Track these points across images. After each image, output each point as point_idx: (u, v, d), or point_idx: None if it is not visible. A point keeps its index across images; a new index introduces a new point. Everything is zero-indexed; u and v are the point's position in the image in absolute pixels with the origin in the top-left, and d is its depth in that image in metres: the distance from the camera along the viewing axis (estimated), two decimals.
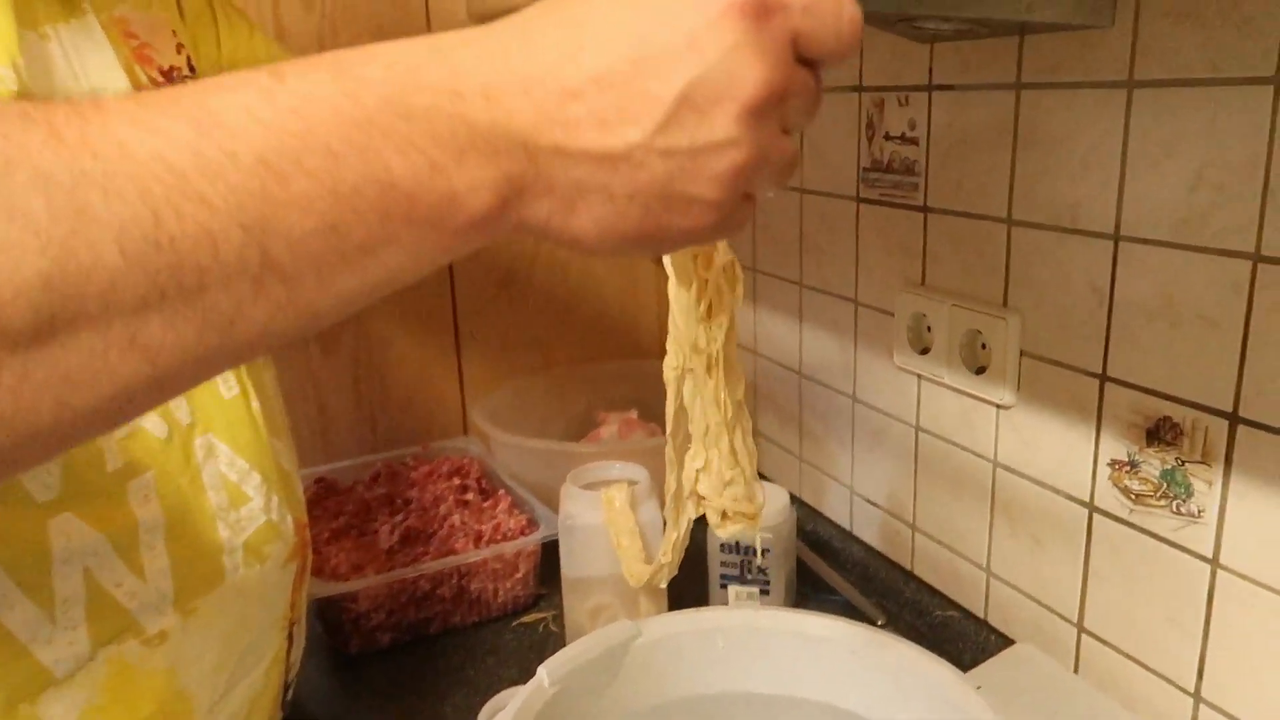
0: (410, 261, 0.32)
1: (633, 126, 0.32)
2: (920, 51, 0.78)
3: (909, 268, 0.84)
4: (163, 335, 0.27)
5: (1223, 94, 0.56)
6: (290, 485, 0.61)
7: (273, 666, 0.59)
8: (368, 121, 0.30)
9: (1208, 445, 0.60)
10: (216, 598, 0.53)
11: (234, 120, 0.28)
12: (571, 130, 0.32)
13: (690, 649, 0.67)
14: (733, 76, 0.32)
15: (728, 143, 0.33)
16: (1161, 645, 0.65)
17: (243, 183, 0.27)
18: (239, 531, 0.54)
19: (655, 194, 0.33)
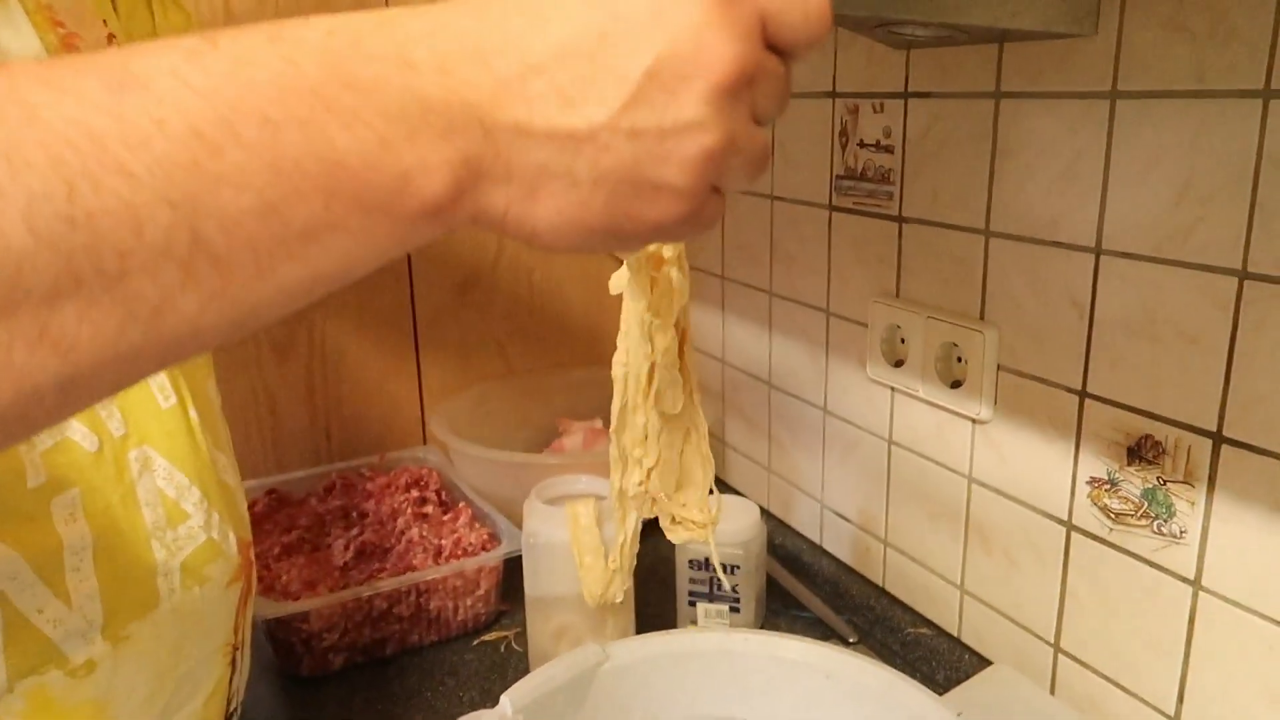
0: (358, 250, 0.28)
1: (598, 104, 0.30)
2: (896, 57, 0.77)
3: (883, 278, 0.82)
4: (78, 327, 0.24)
5: (1209, 106, 0.55)
6: (233, 501, 0.57)
7: (213, 696, 0.56)
8: (309, 90, 0.27)
9: (1191, 465, 0.59)
10: (150, 624, 0.49)
11: (161, 84, 0.25)
12: (533, 106, 0.29)
13: (660, 674, 0.65)
14: (701, 53, 0.30)
15: (697, 124, 0.30)
16: (1141, 667, 0.64)
17: (170, 153, 0.24)
18: (176, 551, 0.51)
19: (621, 179, 0.31)
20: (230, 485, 0.58)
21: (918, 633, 0.81)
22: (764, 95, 0.32)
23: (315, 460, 1.09)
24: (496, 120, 0.29)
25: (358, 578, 0.84)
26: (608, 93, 0.30)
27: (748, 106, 0.32)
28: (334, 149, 0.27)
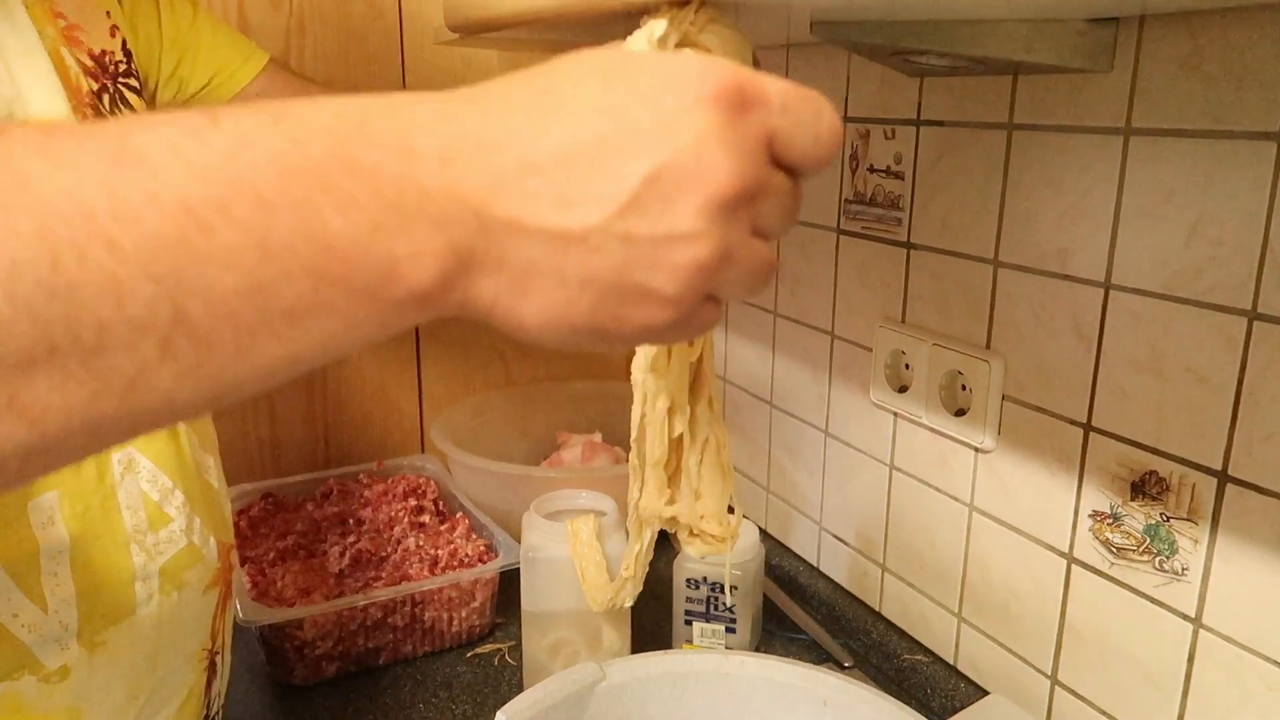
0: (341, 332, 0.28)
1: (593, 207, 0.30)
2: (910, 85, 0.77)
3: (889, 303, 0.82)
4: (48, 396, 0.24)
5: (1223, 147, 0.55)
6: (216, 504, 0.57)
7: (188, 702, 0.55)
8: (308, 172, 0.27)
9: (1195, 502, 0.59)
10: (127, 629, 0.49)
11: (157, 158, 0.25)
12: (529, 204, 0.29)
13: (656, 694, 0.65)
14: (702, 166, 0.30)
15: (691, 235, 0.30)
16: (1139, 703, 0.64)
17: (160, 229, 0.24)
18: (155, 556, 0.51)
19: (610, 282, 0.30)
20: (215, 488, 0.58)
21: (914, 660, 0.81)
22: (768, 211, 0.32)
23: (313, 465, 1.08)
24: (492, 214, 0.29)
25: (353, 586, 0.83)
26: (604, 196, 0.30)
27: (747, 221, 0.32)
28: (327, 231, 0.27)
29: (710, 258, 0.31)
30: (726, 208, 0.30)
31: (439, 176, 0.28)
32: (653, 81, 0.31)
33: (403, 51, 1.04)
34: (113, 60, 0.56)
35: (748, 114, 0.31)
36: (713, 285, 0.32)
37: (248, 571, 0.85)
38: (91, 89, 0.54)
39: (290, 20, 0.99)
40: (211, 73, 0.65)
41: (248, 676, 0.81)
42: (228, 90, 0.66)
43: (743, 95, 0.31)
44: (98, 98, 0.54)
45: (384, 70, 1.03)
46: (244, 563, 0.86)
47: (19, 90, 0.47)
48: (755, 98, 0.31)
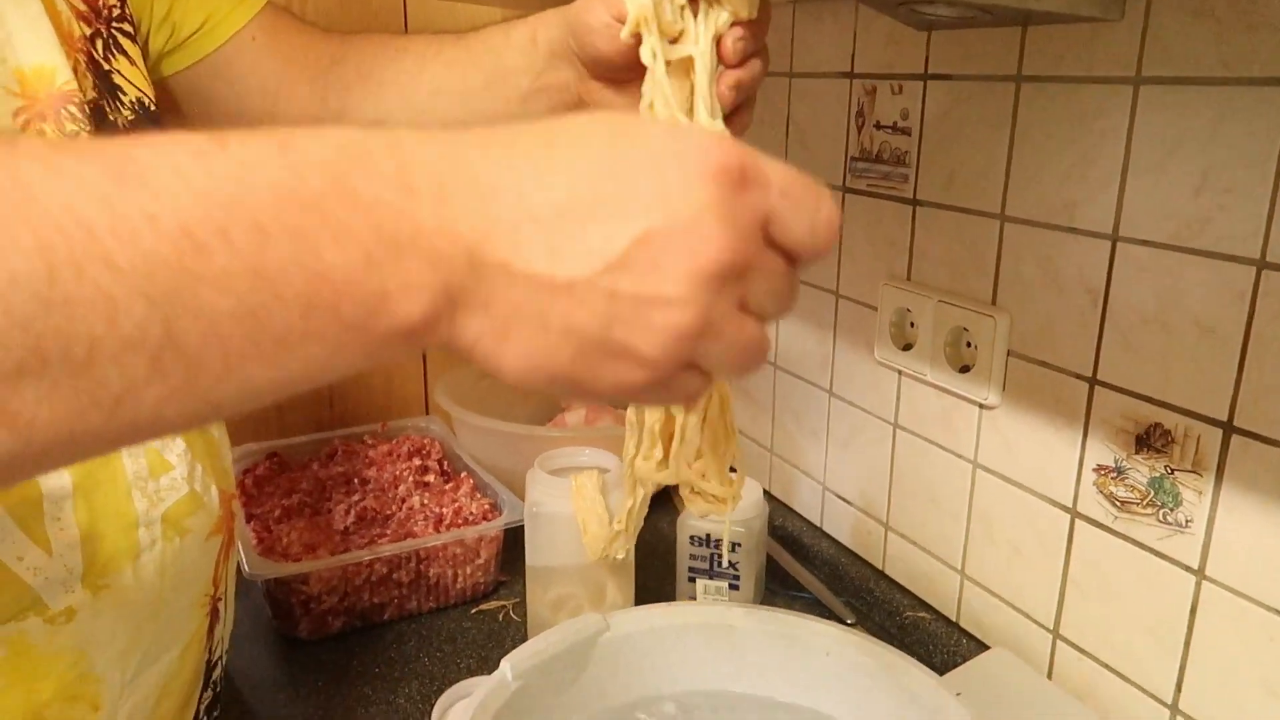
0: (325, 360, 0.29)
1: (583, 260, 0.30)
2: (917, 39, 0.76)
3: (894, 261, 0.82)
4: (36, 408, 0.24)
5: (1233, 94, 0.55)
6: (217, 454, 0.57)
7: (190, 647, 0.56)
8: (307, 202, 0.27)
9: (1199, 454, 0.59)
10: (130, 574, 0.49)
11: (160, 180, 0.25)
12: (521, 250, 0.30)
13: (660, 645, 0.65)
14: (694, 236, 0.30)
15: (675, 300, 0.31)
16: (1140, 655, 0.64)
17: (157, 249, 0.25)
18: (157, 502, 0.51)
19: (591, 335, 0.31)
20: (215, 437, 0.58)
21: (916, 616, 0.82)
22: (759, 290, 0.33)
23: (318, 426, 1.09)
24: (483, 256, 0.29)
25: (358, 543, 0.84)
26: (594, 251, 0.30)
27: (736, 297, 0.32)
28: (320, 262, 0.27)
29: (691, 325, 0.31)
30: (714, 278, 0.31)
31: (435, 214, 0.29)
32: (659, 150, 0.32)
33: (406, 8, 1.03)
34: (106, 4, 0.56)
35: (747, 192, 0.32)
36: (693, 354, 0.32)
37: (253, 528, 0.85)
38: (84, 34, 0.53)
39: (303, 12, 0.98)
40: (205, 16, 0.63)
41: (254, 631, 0.82)
42: (222, 33, 0.64)
43: (744, 174, 0.32)
44: (90, 43, 0.54)
45: (387, 27, 1.02)
46: (250, 520, 0.87)
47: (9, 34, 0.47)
48: (756, 178, 0.32)
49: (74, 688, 0.47)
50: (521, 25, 0.63)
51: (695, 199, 0.31)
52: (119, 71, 0.56)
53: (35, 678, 0.46)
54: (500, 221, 0.30)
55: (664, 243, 0.30)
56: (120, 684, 0.50)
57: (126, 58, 0.57)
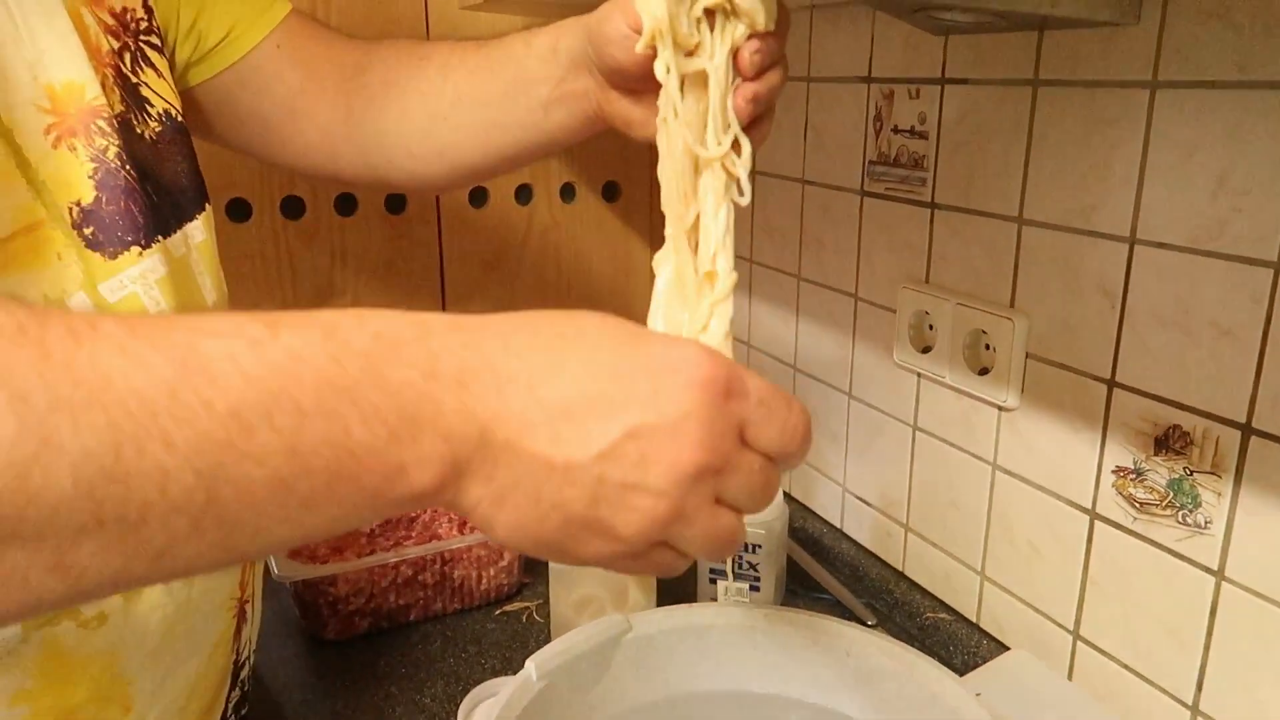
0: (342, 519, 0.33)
1: (580, 446, 0.35)
2: (934, 43, 0.77)
3: (913, 264, 0.82)
4: (89, 560, 0.27)
5: (1250, 97, 0.55)
6: None
7: (218, 648, 0.57)
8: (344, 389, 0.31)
9: (1218, 456, 0.59)
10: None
11: (218, 368, 0.29)
12: (527, 433, 0.34)
13: (682, 646, 0.66)
14: (676, 438, 0.35)
15: (654, 492, 0.35)
16: (1160, 656, 0.64)
17: (210, 431, 0.28)
18: None
19: (577, 511, 0.35)
20: None
21: (936, 617, 0.82)
22: (734, 486, 0.37)
23: None
24: (494, 435, 0.34)
25: (384, 545, 0.85)
26: (591, 439, 0.35)
27: (711, 492, 0.37)
28: (349, 438, 0.31)
29: (665, 514, 0.36)
30: (690, 476, 0.35)
31: (455, 397, 0.33)
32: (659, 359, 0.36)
33: (428, 16, 1.05)
34: (134, 18, 0.57)
35: (729, 402, 0.37)
36: (665, 536, 0.37)
37: None
38: (112, 48, 0.54)
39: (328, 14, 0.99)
40: (230, 25, 0.64)
41: (283, 632, 0.84)
42: (246, 42, 0.65)
43: (728, 386, 0.37)
44: (119, 57, 0.55)
45: (410, 33, 1.04)
46: None
47: (40, 52, 0.48)
48: (737, 389, 0.37)
49: (106, 690, 0.49)
50: (543, 34, 0.63)
51: (683, 404, 0.35)
52: (146, 84, 0.57)
53: (68, 680, 0.47)
54: (512, 407, 0.34)
55: (651, 439, 0.35)
56: (151, 686, 0.51)
57: (154, 70, 0.58)
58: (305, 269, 1.05)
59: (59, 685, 0.47)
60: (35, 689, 0.46)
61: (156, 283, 0.52)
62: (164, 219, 0.54)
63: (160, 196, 0.55)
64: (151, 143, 0.56)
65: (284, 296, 1.05)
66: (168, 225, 0.55)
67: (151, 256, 0.52)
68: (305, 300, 1.06)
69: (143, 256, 0.51)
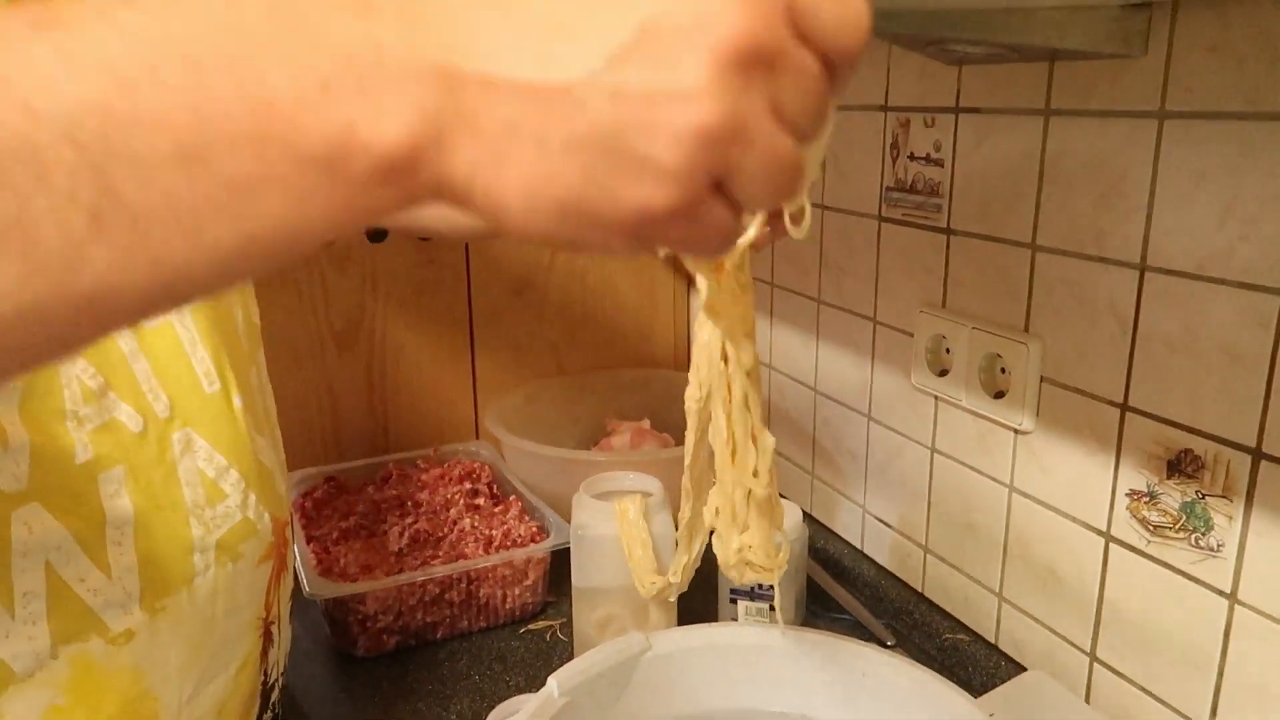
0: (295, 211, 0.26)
1: (578, 58, 0.26)
2: (948, 73, 0.78)
3: (930, 289, 0.84)
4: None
5: (1255, 128, 0.56)
6: (270, 483, 0.60)
7: (244, 668, 0.58)
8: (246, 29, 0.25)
9: (1229, 479, 0.60)
10: (185, 596, 0.52)
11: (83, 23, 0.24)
12: (504, 59, 0.26)
13: (700, 664, 0.67)
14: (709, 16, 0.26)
15: (695, 93, 0.26)
16: (1175, 679, 0.65)
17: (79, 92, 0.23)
18: (212, 529, 0.54)
19: (598, 145, 0.26)
20: (269, 467, 0.61)
21: (955, 638, 0.83)
22: (790, 90, 0.28)
23: (373, 451, 1.13)
24: (460, 72, 0.26)
25: (411, 564, 0.87)
26: (591, 45, 0.26)
27: (765, 95, 0.27)
28: (264, 88, 0.24)
29: (717, 123, 0.26)
30: (739, 65, 0.26)
31: (399, 32, 0.26)
32: None
33: None
34: None
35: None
36: (723, 167, 0.27)
37: (312, 549, 0.89)
38: None
39: None
40: None
41: (313, 649, 0.86)
42: None
43: None
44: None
45: None
46: (309, 541, 0.91)
47: None
48: None
49: (134, 705, 0.50)
50: None
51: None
52: None
53: (98, 696, 0.48)
54: (475, 30, 0.26)
55: (674, 26, 0.26)
56: (178, 703, 0.53)
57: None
58: (336, 294, 1.08)
59: (89, 701, 0.48)
60: (66, 705, 0.47)
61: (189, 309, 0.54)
62: None
63: None
64: None
65: (316, 322, 1.08)
66: None
67: None
68: (338, 324, 1.09)
69: None
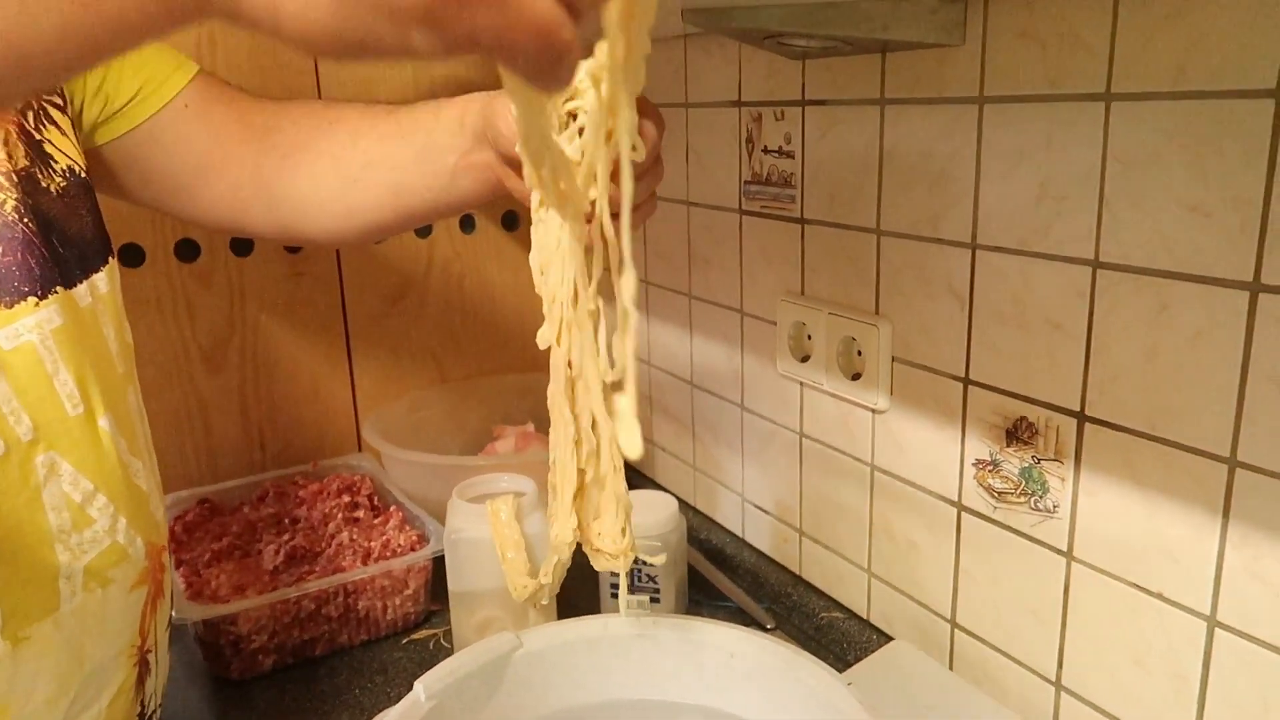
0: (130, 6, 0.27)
1: None
2: (793, 68, 0.81)
3: (789, 278, 0.86)
4: None
5: (1061, 109, 0.59)
6: (143, 507, 0.59)
7: (118, 698, 0.57)
8: None
9: (1059, 443, 0.63)
10: (51, 625, 0.51)
11: None
12: None
13: (573, 659, 0.67)
14: None
15: None
16: (1026, 637, 0.68)
17: None
18: (80, 555, 0.52)
19: None
20: (144, 490, 0.60)
21: (830, 616, 0.85)
22: None
23: (250, 469, 1.10)
24: None
25: (287, 581, 0.86)
26: None
27: None
28: None
29: None
30: None
31: None
32: None
33: (316, 60, 1.06)
34: None
35: None
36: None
37: (182, 574, 0.87)
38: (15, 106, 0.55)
39: (200, 31, 1.00)
40: (139, 85, 0.65)
41: (186, 675, 0.83)
42: (155, 102, 0.66)
43: None
44: (23, 115, 0.56)
45: (298, 79, 1.05)
46: (179, 566, 0.88)
47: None
48: None
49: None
50: (450, 106, 0.66)
51: None
52: (50, 141, 0.58)
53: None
54: None
55: None
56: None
57: (57, 128, 0.59)
58: (203, 310, 1.05)
59: None
60: None
61: (53, 332, 0.53)
62: (68, 269, 0.56)
63: (65, 248, 0.56)
64: (57, 196, 0.57)
65: (183, 338, 1.05)
66: (71, 275, 0.56)
67: (48, 307, 0.53)
68: (205, 342, 1.06)
69: (39, 307, 0.52)
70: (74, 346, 0.54)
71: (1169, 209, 0.54)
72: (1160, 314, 0.55)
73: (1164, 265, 0.55)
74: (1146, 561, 0.59)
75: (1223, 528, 0.54)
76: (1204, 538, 0.55)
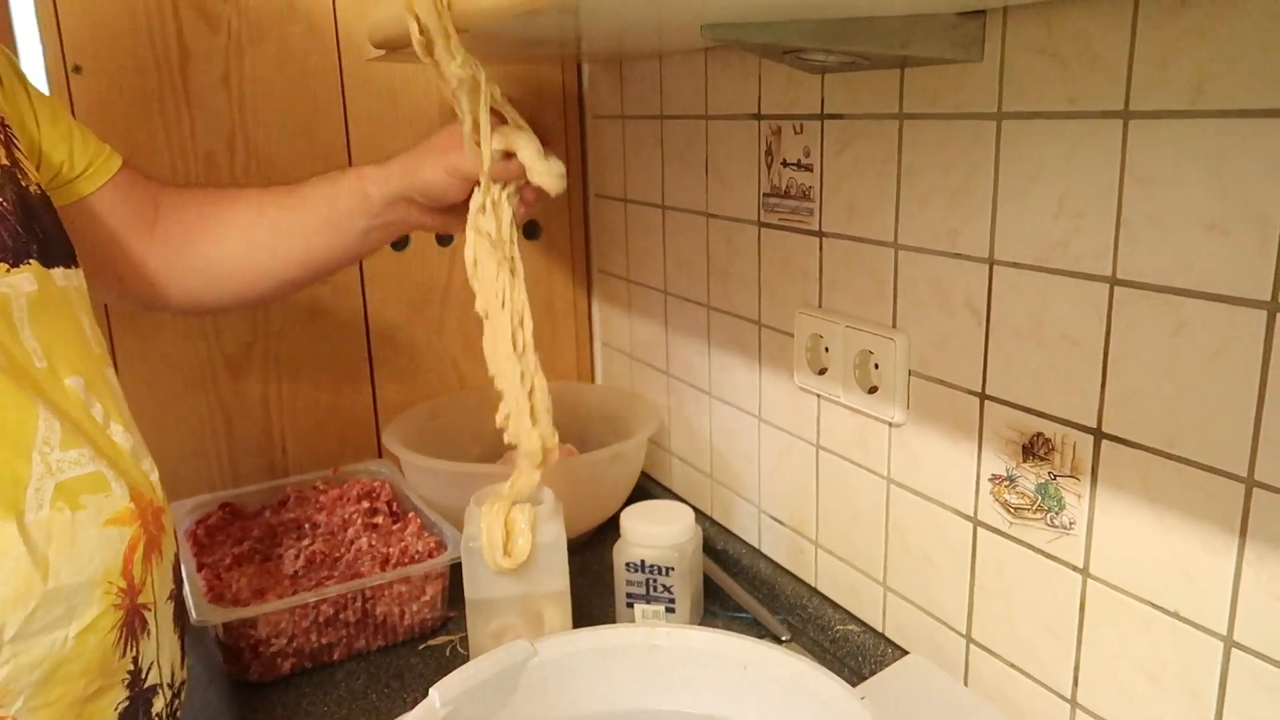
0: None
1: None
2: (812, 82, 0.81)
3: (807, 290, 0.86)
4: None
5: (1079, 126, 0.59)
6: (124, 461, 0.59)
7: (90, 633, 0.55)
8: None
9: (1076, 460, 0.63)
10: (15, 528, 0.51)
11: None
12: None
13: (587, 668, 0.68)
14: None
15: None
16: (1041, 653, 0.68)
17: None
18: (54, 471, 0.53)
19: None
20: (121, 445, 0.60)
21: (845, 629, 0.85)
22: None
23: (271, 474, 1.11)
24: None
25: (306, 586, 0.87)
26: None
27: None
28: None
29: None
30: None
31: None
32: None
33: (341, 70, 1.08)
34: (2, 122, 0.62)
35: None
36: None
37: (204, 577, 0.88)
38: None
39: (229, 42, 1.02)
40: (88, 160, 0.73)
41: (206, 676, 0.84)
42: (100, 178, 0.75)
43: None
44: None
45: (323, 88, 1.07)
46: (200, 569, 0.89)
47: None
48: None
49: None
50: (345, 178, 0.80)
51: None
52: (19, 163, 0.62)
53: None
54: None
55: None
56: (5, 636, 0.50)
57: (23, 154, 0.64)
58: (228, 317, 1.07)
59: None
60: None
61: (25, 295, 0.56)
62: (46, 250, 0.59)
63: (44, 234, 0.59)
64: (36, 194, 0.61)
65: (208, 345, 1.07)
66: (49, 256, 0.59)
67: (19, 275, 0.56)
68: (230, 350, 1.08)
69: (10, 274, 0.55)
70: (44, 314, 0.56)
71: (1187, 227, 0.54)
72: (1178, 332, 0.55)
73: (1181, 283, 0.55)
74: (1163, 580, 0.58)
75: (1240, 547, 0.54)
76: (1221, 557, 0.55)
